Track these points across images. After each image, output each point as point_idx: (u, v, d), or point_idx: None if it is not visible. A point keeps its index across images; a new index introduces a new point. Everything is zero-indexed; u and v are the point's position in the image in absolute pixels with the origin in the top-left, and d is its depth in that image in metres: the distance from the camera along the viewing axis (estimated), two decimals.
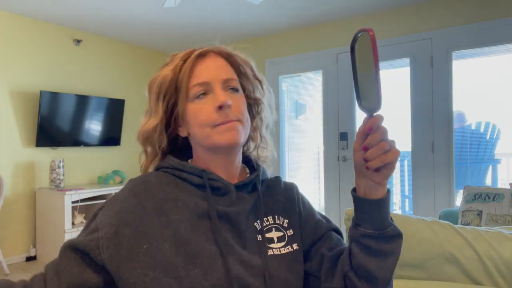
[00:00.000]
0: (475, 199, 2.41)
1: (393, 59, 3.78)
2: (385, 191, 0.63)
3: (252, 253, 0.69)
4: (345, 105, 3.98)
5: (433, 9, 3.51)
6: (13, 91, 3.65)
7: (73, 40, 4.11)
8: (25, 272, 3.37)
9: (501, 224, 2.24)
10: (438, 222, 1.00)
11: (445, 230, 0.96)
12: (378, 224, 0.64)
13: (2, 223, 3.55)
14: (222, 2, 3.46)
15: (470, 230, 0.96)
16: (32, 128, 3.75)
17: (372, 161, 0.59)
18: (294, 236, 0.74)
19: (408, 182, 4.62)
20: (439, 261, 0.92)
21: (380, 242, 0.65)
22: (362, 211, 0.65)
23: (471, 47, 3.40)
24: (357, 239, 0.66)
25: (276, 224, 0.75)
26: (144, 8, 3.55)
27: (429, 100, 3.55)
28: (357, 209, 0.66)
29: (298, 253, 0.73)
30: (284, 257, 0.71)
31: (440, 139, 3.49)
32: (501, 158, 4.00)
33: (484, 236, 0.93)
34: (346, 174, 4.00)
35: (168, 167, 0.74)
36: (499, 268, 0.87)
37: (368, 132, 0.59)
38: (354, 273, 0.67)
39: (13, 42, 3.65)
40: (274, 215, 0.76)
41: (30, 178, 3.78)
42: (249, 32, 4.33)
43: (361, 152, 0.61)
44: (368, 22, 3.82)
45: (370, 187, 0.63)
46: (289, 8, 3.65)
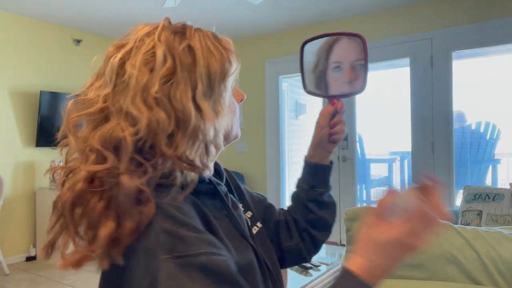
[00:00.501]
0: (475, 199, 2.41)
1: (393, 59, 3.78)
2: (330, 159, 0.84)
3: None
4: (345, 105, 3.97)
5: (433, 9, 3.50)
6: (13, 91, 3.65)
7: (73, 40, 4.11)
8: (25, 272, 3.37)
9: (501, 224, 2.24)
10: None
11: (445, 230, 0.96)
12: (327, 183, 0.84)
13: (2, 223, 3.55)
14: (222, 2, 3.46)
15: (470, 230, 0.96)
16: (32, 128, 3.75)
17: (337, 134, 0.78)
18: (254, 216, 0.79)
19: (408, 182, 4.62)
20: (439, 261, 0.92)
21: (329, 197, 0.85)
22: (318, 176, 0.82)
23: (471, 47, 3.39)
24: (315, 198, 0.83)
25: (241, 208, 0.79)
26: (144, 8, 3.55)
27: (429, 100, 3.55)
28: (315, 174, 0.82)
29: (263, 229, 0.79)
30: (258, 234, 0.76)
31: (440, 139, 3.49)
32: (501, 158, 4.00)
33: (484, 236, 0.93)
34: (346, 174, 4.00)
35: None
36: (499, 268, 0.87)
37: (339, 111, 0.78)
38: (312, 227, 0.83)
39: (13, 42, 3.65)
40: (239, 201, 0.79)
41: (30, 178, 3.78)
42: (249, 32, 4.33)
43: (327, 128, 0.78)
44: (368, 22, 3.82)
45: (324, 156, 0.82)
46: (289, 8, 3.64)
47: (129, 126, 0.56)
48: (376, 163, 4.94)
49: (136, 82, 0.57)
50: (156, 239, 0.51)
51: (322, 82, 0.82)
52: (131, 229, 0.52)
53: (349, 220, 1.04)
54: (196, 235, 0.52)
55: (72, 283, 3.09)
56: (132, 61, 0.59)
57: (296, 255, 0.83)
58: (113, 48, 0.63)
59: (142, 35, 0.62)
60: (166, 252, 0.49)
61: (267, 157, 4.48)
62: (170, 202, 0.55)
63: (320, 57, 0.82)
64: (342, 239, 3.89)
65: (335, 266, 2.26)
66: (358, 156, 4.13)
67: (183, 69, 0.59)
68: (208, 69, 0.61)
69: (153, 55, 0.59)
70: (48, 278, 3.22)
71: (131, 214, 0.53)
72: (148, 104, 0.57)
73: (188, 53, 0.61)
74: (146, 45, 0.60)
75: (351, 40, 0.81)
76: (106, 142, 0.56)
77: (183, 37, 0.62)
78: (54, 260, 0.63)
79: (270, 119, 4.47)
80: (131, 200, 0.53)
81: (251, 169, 4.57)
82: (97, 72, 0.63)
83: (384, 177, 4.84)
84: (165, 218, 0.53)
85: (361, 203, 4.47)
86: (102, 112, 0.58)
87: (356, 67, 0.79)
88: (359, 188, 4.21)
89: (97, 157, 0.56)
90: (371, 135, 4.49)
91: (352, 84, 0.79)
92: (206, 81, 0.61)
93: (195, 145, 0.59)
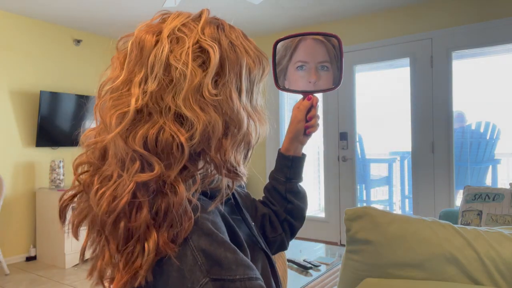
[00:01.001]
0: (475, 199, 2.41)
1: (393, 59, 3.78)
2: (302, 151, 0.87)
3: None
4: (345, 105, 3.98)
5: (433, 9, 3.50)
6: (13, 91, 3.65)
7: (73, 40, 4.11)
8: (25, 272, 3.37)
9: (501, 224, 2.24)
10: (438, 222, 1.00)
11: (445, 230, 0.96)
12: (301, 174, 0.87)
13: (2, 223, 3.55)
14: (222, 2, 3.46)
15: (470, 230, 0.96)
16: (32, 128, 3.75)
17: (313, 127, 0.82)
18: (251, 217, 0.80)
19: (408, 182, 4.62)
20: (439, 261, 0.91)
21: (301, 187, 0.88)
22: (295, 167, 0.85)
23: (471, 47, 3.39)
24: (292, 189, 0.86)
25: None
26: (144, 8, 3.56)
27: (429, 100, 3.55)
28: (291, 166, 0.85)
29: (255, 227, 0.80)
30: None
31: (440, 139, 3.49)
32: (501, 158, 4.00)
33: (484, 236, 0.93)
34: (346, 174, 4.00)
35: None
36: (499, 268, 0.87)
37: (314, 106, 0.82)
38: (290, 216, 0.86)
39: (13, 42, 3.65)
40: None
41: (30, 178, 3.78)
42: (249, 32, 4.33)
43: (303, 122, 0.82)
44: (368, 21, 3.82)
45: (299, 148, 0.86)
46: (289, 8, 3.65)
47: (181, 129, 0.51)
48: (376, 163, 4.94)
49: (189, 80, 0.51)
50: (193, 260, 0.47)
51: (283, 78, 0.86)
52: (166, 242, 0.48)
53: (349, 220, 1.04)
54: (233, 257, 0.49)
55: (72, 283, 3.09)
56: (177, 54, 0.53)
57: (279, 245, 0.87)
58: (151, 36, 0.55)
59: (179, 25, 0.55)
60: (205, 274, 0.46)
61: (267, 156, 4.49)
62: (206, 215, 0.52)
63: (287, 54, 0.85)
64: (342, 239, 3.90)
65: (335, 266, 2.25)
66: (358, 156, 4.13)
67: (230, 68, 0.55)
68: (250, 70, 0.58)
69: (199, 50, 0.54)
70: (48, 278, 3.22)
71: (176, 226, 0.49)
72: (202, 106, 0.51)
73: (232, 50, 0.56)
74: (190, 38, 0.54)
75: (317, 42, 0.84)
76: (152, 146, 0.50)
77: (223, 32, 0.58)
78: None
79: (270, 119, 4.46)
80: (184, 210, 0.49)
81: (251, 169, 4.56)
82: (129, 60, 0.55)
83: (384, 177, 4.84)
84: (202, 235, 0.49)
85: (361, 203, 4.47)
86: (142, 111, 0.52)
87: (319, 68, 0.84)
88: (359, 188, 4.21)
89: (142, 164, 0.50)
90: (371, 135, 4.49)
91: (316, 85, 0.84)
92: (247, 82, 0.58)
93: (241, 150, 0.56)
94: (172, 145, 0.50)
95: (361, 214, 1.02)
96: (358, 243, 1.02)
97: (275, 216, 0.87)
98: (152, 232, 0.49)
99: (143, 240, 0.49)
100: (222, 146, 0.53)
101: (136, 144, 0.50)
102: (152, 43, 0.54)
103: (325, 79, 0.83)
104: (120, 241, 0.50)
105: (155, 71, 0.52)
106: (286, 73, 0.86)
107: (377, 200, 4.85)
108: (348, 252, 1.05)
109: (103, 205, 0.50)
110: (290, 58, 0.85)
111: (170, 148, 0.50)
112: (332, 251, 2.86)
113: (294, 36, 0.85)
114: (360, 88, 4.00)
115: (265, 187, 0.90)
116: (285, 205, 0.87)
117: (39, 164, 3.83)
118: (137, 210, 0.50)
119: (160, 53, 0.53)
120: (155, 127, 0.50)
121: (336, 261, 2.34)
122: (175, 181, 0.50)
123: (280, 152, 0.87)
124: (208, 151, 0.53)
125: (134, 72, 0.54)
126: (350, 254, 1.04)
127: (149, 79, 0.52)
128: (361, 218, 1.02)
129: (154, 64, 0.53)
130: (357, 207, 1.04)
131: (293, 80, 0.85)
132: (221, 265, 0.47)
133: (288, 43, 0.85)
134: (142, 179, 0.49)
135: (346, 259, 1.05)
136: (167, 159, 0.50)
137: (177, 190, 0.49)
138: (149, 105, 0.52)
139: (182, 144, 0.50)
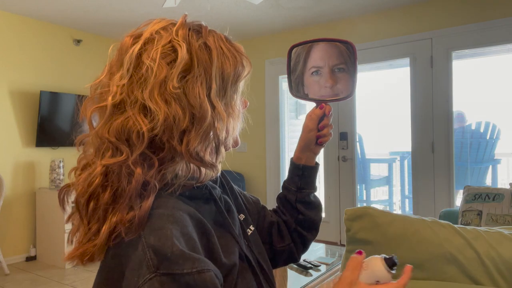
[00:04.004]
0: (475, 199, 2.41)
1: (393, 59, 3.79)
2: (316, 160, 0.86)
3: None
4: (345, 105, 3.98)
5: (433, 9, 3.51)
6: (13, 91, 3.65)
7: (73, 40, 4.11)
8: (25, 272, 3.37)
9: (501, 224, 2.24)
10: (438, 222, 1.00)
11: (445, 230, 0.96)
12: (314, 184, 0.86)
13: (2, 223, 3.55)
14: (222, 2, 3.46)
15: (470, 230, 0.96)
16: (32, 128, 3.75)
17: (325, 137, 0.80)
18: (247, 219, 0.79)
19: (408, 182, 4.62)
20: (439, 261, 0.91)
21: (314, 197, 0.86)
22: (306, 177, 0.84)
23: (471, 47, 3.39)
24: (303, 199, 0.84)
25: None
26: (144, 8, 3.56)
27: (429, 100, 3.55)
28: (302, 176, 0.84)
29: (255, 232, 0.80)
30: (252, 237, 0.77)
31: (440, 139, 3.49)
32: (501, 158, 4.00)
33: (484, 236, 0.93)
34: (346, 174, 4.00)
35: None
36: (499, 268, 0.87)
37: (327, 115, 0.79)
38: (301, 227, 0.85)
39: (13, 42, 3.65)
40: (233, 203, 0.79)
41: (30, 178, 3.78)
42: (249, 32, 4.33)
43: (315, 131, 0.80)
44: (368, 22, 3.82)
45: (311, 158, 0.84)
46: (289, 8, 3.65)
47: (145, 119, 0.56)
48: (376, 163, 4.94)
49: (155, 75, 0.57)
50: (143, 255, 0.50)
51: (301, 86, 0.84)
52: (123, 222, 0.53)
53: (349, 220, 1.04)
54: (180, 251, 0.51)
55: (72, 283, 3.09)
56: (149, 53, 0.58)
57: (288, 256, 0.85)
58: (129, 38, 0.62)
59: (159, 28, 0.61)
60: (152, 270, 0.49)
61: (267, 157, 4.49)
62: (163, 211, 0.55)
63: (300, 61, 0.84)
64: (342, 239, 3.89)
65: (335, 266, 2.26)
66: (358, 156, 4.13)
67: (199, 66, 0.59)
68: (222, 70, 0.62)
69: (171, 49, 0.59)
70: (48, 278, 3.22)
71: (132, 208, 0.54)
72: (165, 99, 0.56)
73: (204, 50, 0.61)
74: (164, 38, 0.60)
75: (329, 45, 0.83)
76: (120, 134, 0.56)
77: (199, 35, 0.63)
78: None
79: (270, 119, 4.48)
80: (137, 192, 0.55)
81: (251, 169, 4.57)
82: (111, 63, 0.62)
83: (384, 177, 4.84)
84: (153, 230, 0.52)
85: (361, 203, 4.48)
86: (119, 104, 0.58)
87: (336, 71, 0.81)
88: (359, 188, 4.21)
89: (113, 150, 0.56)
90: (371, 135, 4.49)
91: (333, 89, 0.81)
92: (219, 81, 0.61)
93: (206, 143, 0.60)
94: (136, 133, 0.55)
95: (361, 214, 1.02)
96: (358, 243, 1.02)
97: (285, 225, 0.86)
98: (109, 214, 0.55)
99: (102, 221, 0.55)
100: (186, 137, 0.58)
101: (109, 134, 0.56)
102: (129, 44, 0.61)
103: (343, 82, 0.80)
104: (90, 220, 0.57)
105: (128, 68, 0.58)
106: (303, 79, 0.83)
107: (377, 200, 4.85)
108: (348, 252, 1.05)
109: (79, 188, 0.58)
110: (304, 65, 0.83)
111: (133, 136, 0.56)
112: (332, 251, 2.85)
113: (308, 42, 0.83)
114: (360, 88, 4.00)
115: (277, 196, 0.90)
116: (295, 215, 0.85)
117: (39, 164, 3.83)
118: (103, 193, 0.56)
119: (132, 51, 0.59)
120: (124, 118, 0.57)
121: (336, 261, 2.34)
122: (134, 165, 0.55)
123: (292, 161, 0.86)
124: (172, 141, 0.57)
125: (113, 71, 0.61)
126: (350, 254, 1.04)
127: (124, 76, 0.58)
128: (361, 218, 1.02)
129: (128, 62, 0.59)
130: (357, 207, 1.04)
131: (310, 86, 0.83)
132: (169, 260, 0.49)
133: (300, 50, 0.84)
134: (109, 163, 0.55)
135: (346, 259, 1.05)
136: (133, 146, 0.56)
137: (135, 172, 0.55)
138: (124, 99, 0.58)
139: (144, 133, 0.55)
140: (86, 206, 0.57)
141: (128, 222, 0.53)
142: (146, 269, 0.49)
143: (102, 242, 0.55)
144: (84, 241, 0.57)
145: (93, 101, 0.61)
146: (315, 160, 0.85)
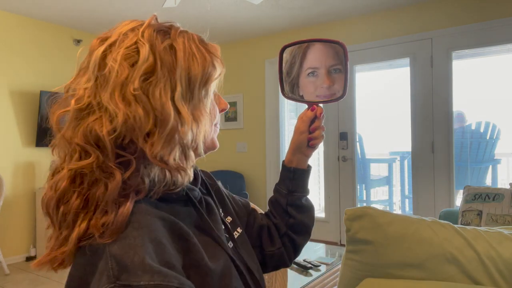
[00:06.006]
0: (475, 199, 2.41)
1: (393, 59, 3.79)
2: (307, 163, 0.85)
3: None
4: (345, 105, 3.98)
5: (433, 9, 3.51)
6: (13, 91, 3.65)
7: (73, 40, 4.11)
8: (25, 272, 3.37)
9: (501, 224, 2.24)
10: (438, 222, 1.00)
11: (445, 230, 0.96)
12: (306, 187, 0.85)
13: (2, 223, 3.55)
14: (222, 2, 3.46)
15: (470, 230, 0.96)
16: (32, 128, 3.75)
17: (316, 139, 0.79)
18: (234, 222, 0.78)
19: (408, 182, 4.62)
20: (439, 261, 0.91)
21: (306, 201, 0.85)
22: (297, 180, 0.83)
23: (471, 47, 3.40)
24: (294, 203, 0.83)
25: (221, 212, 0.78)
26: (144, 8, 3.56)
27: (429, 100, 3.55)
28: (293, 178, 0.83)
29: (244, 234, 0.78)
30: (239, 239, 0.75)
31: (440, 139, 3.49)
32: (501, 158, 4.00)
33: (484, 236, 0.93)
34: (346, 174, 4.00)
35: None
36: (499, 268, 0.87)
37: (318, 117, 0.79)
38: (292, 231, 0.84)
39: (13, 42, 3.65)
40: (218, 205, 0.77)
41: (30, 178, 3.78)
42: (249, 32, 4.33)
43: (306, 133, 0.80)
44: (367, 21, 3.82)
45: (302, 160, 0.83)
46: (289, 8, 3.65)
47: (107, 121, 0.55)
48: (376, 163, 4.94)
49: (116, 76, 0.56)
50: (105, 264, 0.49)
51: (297, 87, 0.83)
52: (103, 225, 0.51)
53: (349, 220, 1.04)
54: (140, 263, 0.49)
55: None
56: (114, 54, 0.57)
57: (278, 260, 0.84)
58: (97, 40, 0.61)
59: (127, 30, 0.60)
60: (112, 280, 0.48)
61: (267, 157, 4.49)
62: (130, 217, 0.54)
63: (295, 62, 0.82)
64: (342, 239, 3.90)
65: (335, 266, 2.26)
66: (358, 156, 4.13)
67: (163, 68, 0.58)
68: (189, 72, 0.60)
69: (134, 51, 0.58)
70: (48, 278, 3.22)
71: (108, 212, 0.52)
72: (126, 100, 0.55)
73: (169, 52, 0.59)
74: (129, 40, 0.58)
75: (325, 46, 0.82)
76: (87, 138, 0.55)
77: (166, 36, 0.61)
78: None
79: (270, 119, 4.47)
80: (114, 196, 0.53)
81: (251, 169, 4.57)
82: (81, 66, 0.61)
83: (384, 177, 4.84)
84: (118, 239, 0.51)
85: (361, 203, 4.47)
86: (87, 107, 0.57)
87: (332, 72, 0.80)
88: (359, 188, 4.21)
89: (80, 154, 0.55)
90: (371, 135, 4.49)
91: (330, 89, 0.80)
92: (185, 84, 0.59)
93: (171, 146, 0.57)
94: (98, 136, 0.54)
95: (361, 214, 1.02)
96: (358, 243, 1.02)
97: (276, 229, 0.85)
98: (79, 221, 0.53)
99: (72, 227, 0.54)
100: (150, 139, 0.56)
101: (78, 137, 0.55)
102: (96, 47, 0.60)
103: (340, 82, 0.80)
104: (61, 225, 0.55)
105: (93, 70, 0.58)
106: (299, 81, 0.82)
107: (377, 200, 4.85)
108: (348, 252, 1.05)
109: (48, 192, 0.56)
110: (300, 66, 0.82)
111: (97, 139, 0.55)
112: (332, 251, 2.86)
113: (299, 43, 0.82)
114: (360, 88, 4.01)
115: (269, 199, 0.89)
116: (286, 219, 0.84)
117: (39, 164, 3.83)
118: (73, 197, 0.54)
119: (97, 53, 0.58)
120: (91, 120, 0.56)
121: (336, 261, 2.34)
122: (108, 168, 0.54)
123: (283, 164, 0.85)
124: (137, 143, 0.56)
125: (81, 74, 0.60)
126: (350, 254, 1.04)
127: (90, 79, 0.58)
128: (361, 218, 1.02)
129: (92, 64, 0.58)
130: (357, 207, 1.04)
131: (305, 87, 0.82)
132: (128, 271, 0.48)
133: (296, 50, 0.82)
134: (76, 166, 0.54)
135: (346, 259, 1.05)
136: (100, 149, 0.55)
137: (115, 175, 0.53)
138: (91, 102, 0.56)
139: (104, 135, 0.54)
140: (56, 211, 0.55)
141: (102, 228, 0.51)
142: (106, 279, 0.48)
143: (72, 249, 0.53)
144: (55, 247, 0.55)
145: (60, 104, 0.60)
146: (307, 163, 0.84)
